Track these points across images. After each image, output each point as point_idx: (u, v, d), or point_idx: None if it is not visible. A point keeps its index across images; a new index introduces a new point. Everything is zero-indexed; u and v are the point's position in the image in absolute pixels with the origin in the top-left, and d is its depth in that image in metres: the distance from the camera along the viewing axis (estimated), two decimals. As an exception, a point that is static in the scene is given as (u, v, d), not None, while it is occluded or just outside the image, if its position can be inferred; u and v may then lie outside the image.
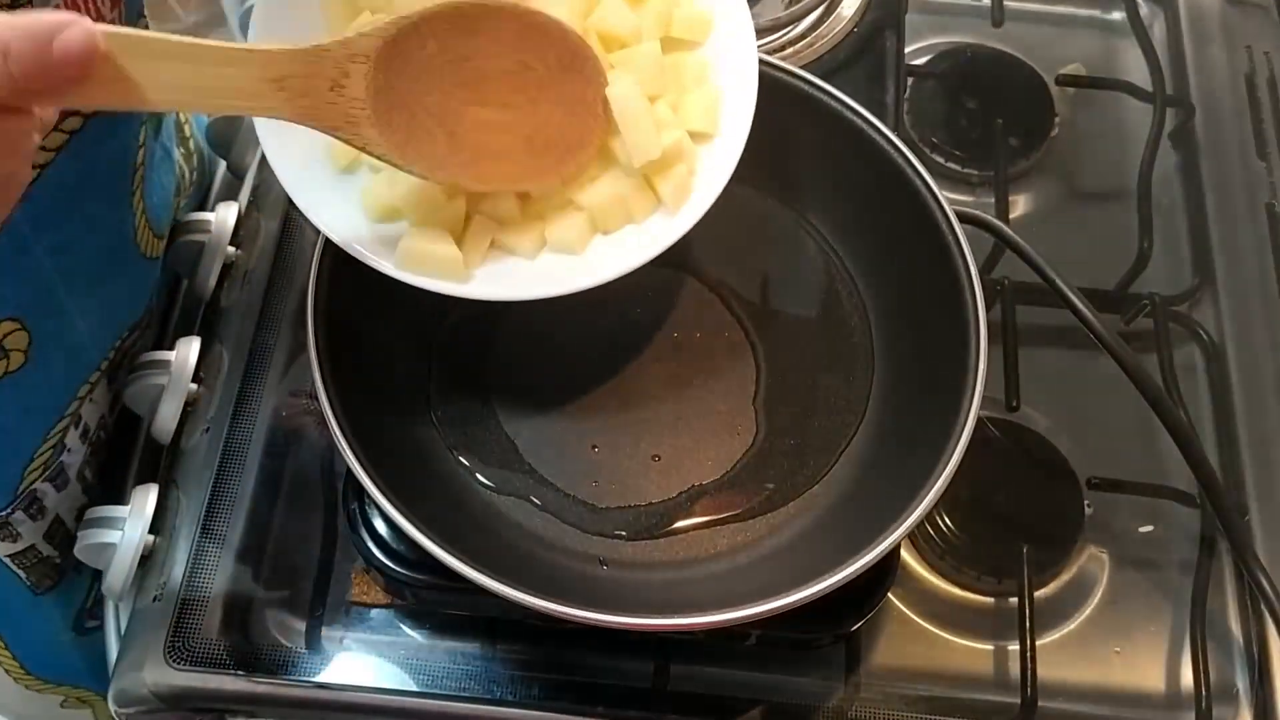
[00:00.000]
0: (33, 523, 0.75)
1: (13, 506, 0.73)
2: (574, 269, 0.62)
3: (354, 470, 0.60)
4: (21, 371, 0.67)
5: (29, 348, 0.67)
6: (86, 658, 0.86)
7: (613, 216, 0.63)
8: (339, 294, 0.64)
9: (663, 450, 0.69)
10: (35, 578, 0.78)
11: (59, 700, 0.91)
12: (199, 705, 0.67)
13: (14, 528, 0.74)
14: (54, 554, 0.77)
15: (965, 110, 0.91)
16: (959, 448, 0.61)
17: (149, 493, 0.70)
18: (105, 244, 0.72)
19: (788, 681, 0.68)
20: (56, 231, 0.66)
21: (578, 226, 0.62)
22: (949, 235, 0.67)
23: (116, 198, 0.71)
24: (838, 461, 0.69)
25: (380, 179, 0.62)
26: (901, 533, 0.59)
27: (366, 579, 0.69)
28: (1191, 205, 0.87)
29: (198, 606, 0.68)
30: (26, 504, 0.73)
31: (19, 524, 0.74)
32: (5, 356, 0.66)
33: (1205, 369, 0.80)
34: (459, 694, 0.66)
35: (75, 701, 0.92)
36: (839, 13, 0.88)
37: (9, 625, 0.82)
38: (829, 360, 0.72)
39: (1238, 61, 0.94)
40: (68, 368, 0.72)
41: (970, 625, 0.71)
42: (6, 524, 0.73)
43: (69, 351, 0.71)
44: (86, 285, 0.70)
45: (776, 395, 0.71)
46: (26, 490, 0.73)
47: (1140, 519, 0.75)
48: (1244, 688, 0.69)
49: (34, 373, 0.68)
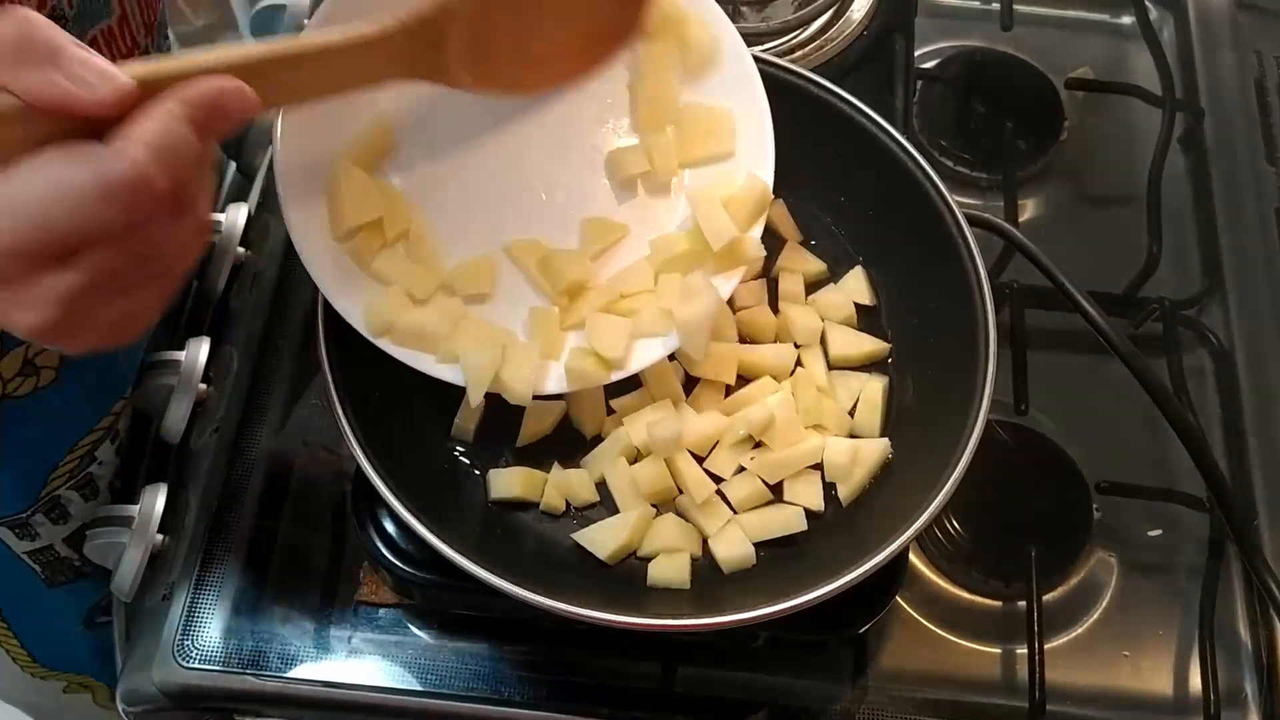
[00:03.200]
0: (53, 526, 0.75)
1: (33, 509, 0.73)
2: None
3: (364, 469, 0.60)
4: (52, 387, 0.68)
5: (59, 365, 0.67)
6: (93, 649, 0.87)
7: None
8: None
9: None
10: (49, 573, 0.79)
11: (61, 686, 0.91)
12: (207, 704, 0.67)
13: (33, 528, 0.74)
14: (72, 555, 0.78)
15: (974, 114, 0.91)
16: (968, 451, 0.61)
17: (158, 492, 0.71)
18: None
19: (795, 683, 0.68)
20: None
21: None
22: (958, 238, 0.67)
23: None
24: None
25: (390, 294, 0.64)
26: (910, 535, 0.59)
27: (375, 578, 0.69)
28: (1200, 209, 0.87)
29: (206, 605, 0.68)
30: (48, 508, 0.74)
31: (38, 525, 0.74)
32: (36, 373, 0.66)
33: (1214, 373, 0.80)
34: (466, 694, 0.66)
35: (76, 687, 0.92)
36: (848, 16, 0.88)
37: (21, 616, 0.82)
38: (838, 363, 0.72)
39: (1247, 65, 0.93)
40: (101, 383, 0.73)
41: (978, 629, 0.71)
42: (26, 524, 0.73)
43: (100, 368, 0.72)
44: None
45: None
46: (49, 495, 0.73)
47: (1149, 523, 0.75)
48: (1252, 692, 0.69)
49: (64, 389, 0.69)
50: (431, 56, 0.58)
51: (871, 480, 0.66)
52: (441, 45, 0.58)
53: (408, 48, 0.56)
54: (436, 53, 0.58)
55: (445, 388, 0.64)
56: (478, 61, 0.60)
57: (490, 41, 0.60)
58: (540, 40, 0.62)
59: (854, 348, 0.71)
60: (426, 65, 0.59)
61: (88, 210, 0.42)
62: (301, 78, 0.53)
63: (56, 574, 0.79)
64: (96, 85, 0.43)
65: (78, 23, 0.60)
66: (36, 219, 0.42)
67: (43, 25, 0.43)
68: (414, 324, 0.63)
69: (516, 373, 0.63)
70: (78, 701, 0.93)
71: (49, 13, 0.57)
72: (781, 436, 0.66)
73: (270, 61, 0.50)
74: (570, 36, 0.63)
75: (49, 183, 0.42)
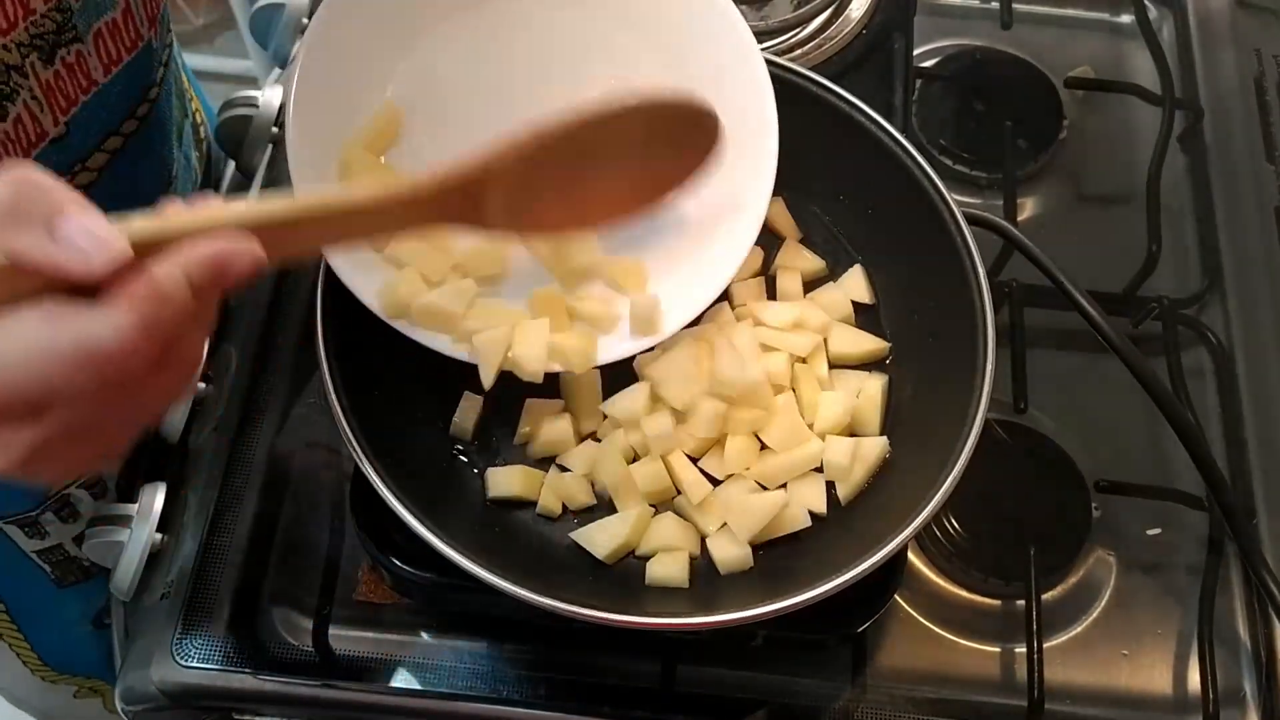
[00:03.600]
0: (63, 524, 0.75)
1: (43, 508, 0.73)
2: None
3: (362, 468, 0.60)
4: None
5: None
6: (101, 651, 0.87)
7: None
8: (347, 294, 0.64)
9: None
10: (59, 573, 0.79)
11: (72, 690, 0.92)
12: (206, 703, 0.67)
13: (43, 527, 0.74)
14: (81, 555, 0.78)
15: (974, 112, 0.91)
16: (967, 450, 0.61)
17: (157, 491, 0.71)
18: None
19: (794, 682, 0.68)
20: None
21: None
22: (957, 237, 0.67)
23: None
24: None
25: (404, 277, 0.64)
26: (908, 534, 0.59)
27: (374, 578, 0.69)
28: (1200, 208, 0.87)
29: (205, 605, 0.68)
30: (58, 507, 0.74)
31: (48, 524, 0.74)
32: None
33: (1213, 372, 0.80)
34: (465, 693, 0.66)
35: (87, 691, 0.93)
36: (847, 14, 0.88)
37: (29, 616, 0.82)
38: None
39: (1246, 64, 0.93)
40: None
41: (977, 627, 0.71)
42: (35, 523, 0.74)
43: None
44: None
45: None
46: (58, 494, 0.73)
47: (1148, 522, 0.75)
48: (1251, 691, 0.69)
49: None
50: (469, 210, 0.55)
51: (870, 479, 0.66)
52: (480, 201, 0.55)
53: (444, 203, 0.54)
54: (475, 208, 0.55)
55: (444, 386, 0.64)
56: (518, 214, 0.57)
57: (533, 195, 0.57)
58: (587, 191, 0.59)
59: (853, 346, 0.71)
60: (462, 217, 0.55)
61: (62, 376, 0.41)
62: (323, 232, 0.51)
63: (66, 574, 0.79)
64: (90, 254, 0.41)
65: (84, 15, 0.60)
66: (4, 379, 0.41)
67: (44, 185, 0.42)
68: (429, 305, 0.64)
69: (529, 351, 0.64)
70: (88, 706, 0.94)
71: (55, 5, 0.57)
72: (782, 438, 0.66)
73: (289, 220, 0.48)
74: (621, 185, 0.61)
75: (25, 343, 0.41)
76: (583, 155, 0.57)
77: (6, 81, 0.57)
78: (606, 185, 0.60)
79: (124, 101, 0.67)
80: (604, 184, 0.60)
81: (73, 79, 0.61)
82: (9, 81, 0.57)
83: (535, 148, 0.55)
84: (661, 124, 0.60)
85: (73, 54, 0.61)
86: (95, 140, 0.65)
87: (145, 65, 0.67)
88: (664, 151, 0.61)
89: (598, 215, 0.62)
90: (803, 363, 0.69)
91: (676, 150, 0.61)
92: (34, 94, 0.59)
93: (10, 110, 0.58)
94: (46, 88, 0.60)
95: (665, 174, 0.62)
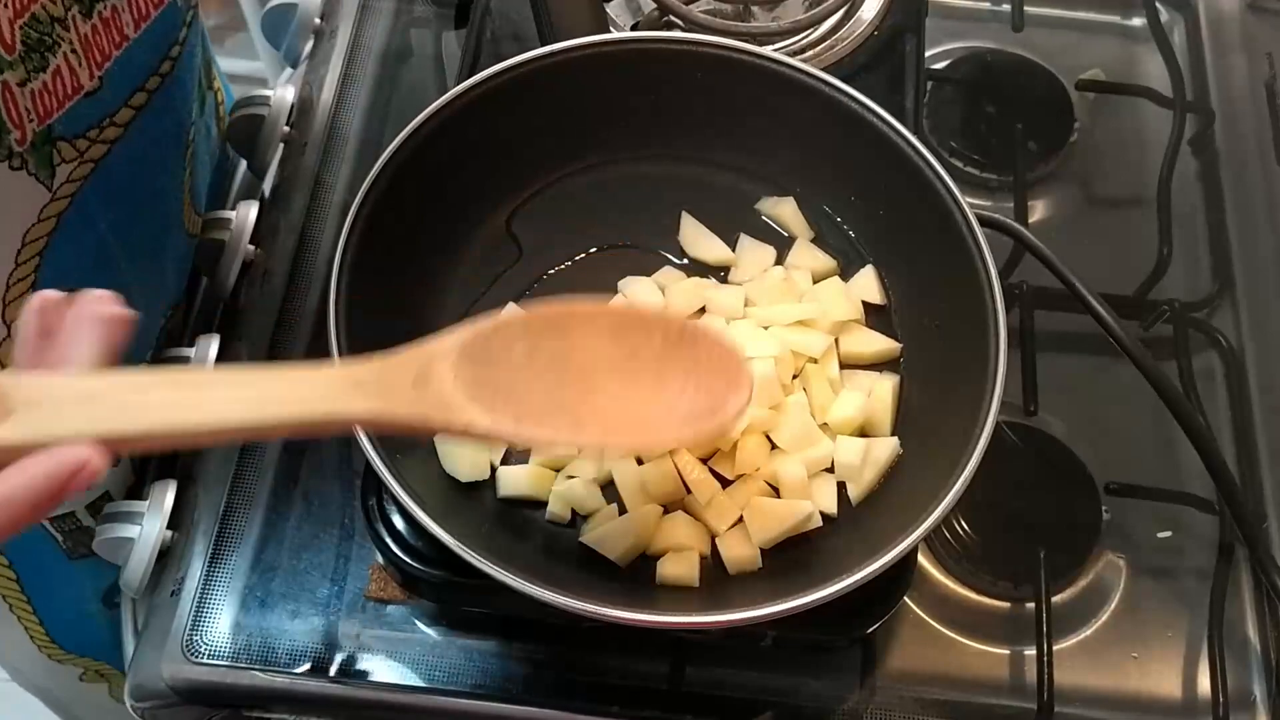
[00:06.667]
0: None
1: None
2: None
3: (373, 465, 0.60)
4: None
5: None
6: (111, 631, 0.87)
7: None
8: (359, 295, 0.64)
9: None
10: (71, 544, 0.79)
11: (79, 673, 0.91)
12: (215, 700, 0.67)
13: None
14: (94, 525, 0.78)
15: (985, 115, 0.91)
16: (977, 452, 0.60)
17: (167, 488, 0.71)
18: (159, 217, 0.74)
19: (803, 683, 0.68)
20: (121, 205, 0.68)
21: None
22: (969, 238, 0.67)
23: (172, 171, 0.73)
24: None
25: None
26: (918, 536, 0.59)
27: (383, 575, 0.69)
28: (1211, 211, 0.87)
29: (215, 601, 0.68)
30: None
31: None
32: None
33: (1224, 375, 0.80)
34: (474, 691, 0.66)
35: (94, 675, 0.92)
36: (859, 16, 0.88)
37: (39, 588, 0.82)
38: (847, 363, 0.72)
39: (1258, 68, 0.93)
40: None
41: (987, 630, 0.71)
42: None
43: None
44: (141, 259, 0.72)
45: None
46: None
47: (1158, 525, 0.75)
48: (1261, 695, 0.69)
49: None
50: (411, 395, 0.49)
51: (881, 480, 0.66)
52: (425, 383, 0.49)
53: (373, 382, 0.49)
54: (420, 390, 0.50)
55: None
56: (496, 410, 0.50)
57: (516, 397, 0.51)
58: (601, 410, 0.54)
59: (865, 346, 0.70)
60: (407, 404, 0.49)
61: None
62: (222, 400, 0.46)
63: (78, 544, 0.79)
64: None
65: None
66: None
67: None
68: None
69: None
70: (94, 691, 0.93)
71: None
72: (793, 438, 0.66)
73: (190, 396, 0.44)
74: (646, 408, 0.55)
75: None
76: (559, 358, 0.53)
77: (50, 33, 0.58)
78: (620, 400, 0.55)
79: (151, 57, 0.68)
80: (616, 400, 0.55)
81: (108, 33, 0.62)
82: (52, 33, 0.58)
83: (471, 334, 0.51)
84: (680, 350, 0.56)
85: (109, 8, 0.62)
86: (124, 95, 0.66)
87: (171, 21, 0.69)
88: (681, 382, 0.56)
89: (634, 432, 0.56)
90: (814, 363, 0.69)
91: (695, 386, 0.56)
92: (74, 47, 0.60)
93: (51, 62, 0.58)
94: (85, 41, 0.61)
95: (678, 408, 0.56)
